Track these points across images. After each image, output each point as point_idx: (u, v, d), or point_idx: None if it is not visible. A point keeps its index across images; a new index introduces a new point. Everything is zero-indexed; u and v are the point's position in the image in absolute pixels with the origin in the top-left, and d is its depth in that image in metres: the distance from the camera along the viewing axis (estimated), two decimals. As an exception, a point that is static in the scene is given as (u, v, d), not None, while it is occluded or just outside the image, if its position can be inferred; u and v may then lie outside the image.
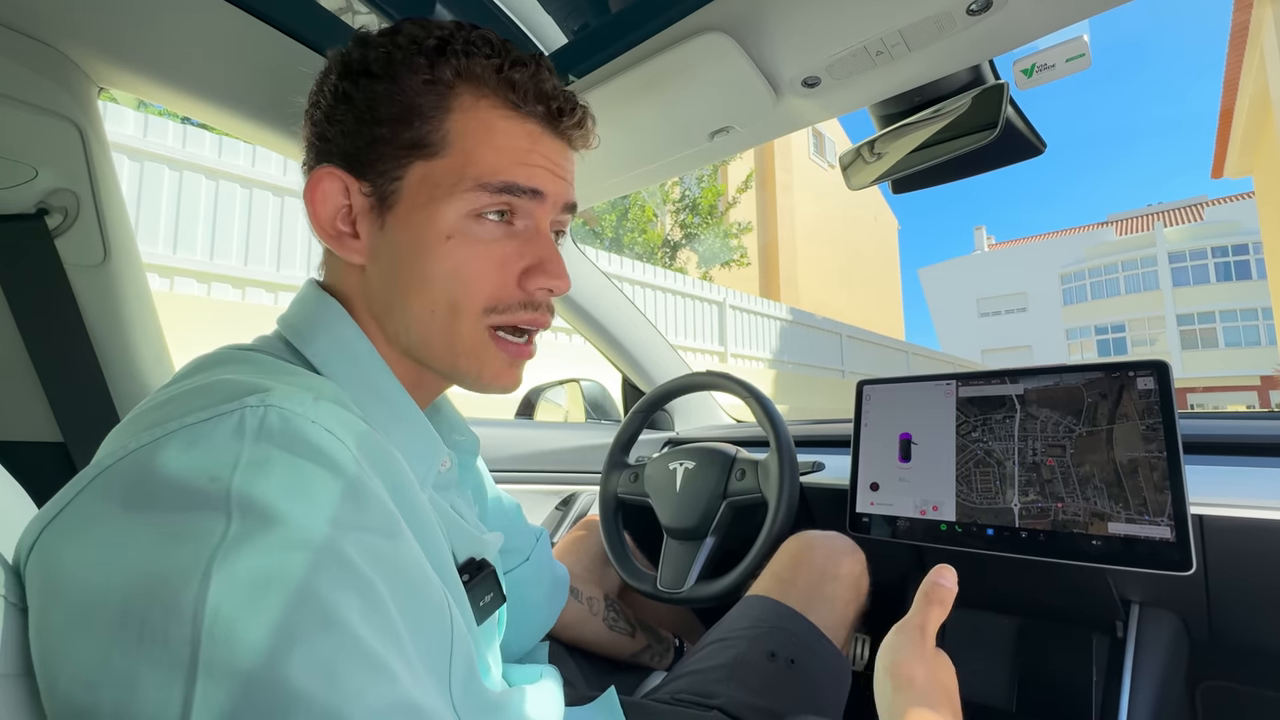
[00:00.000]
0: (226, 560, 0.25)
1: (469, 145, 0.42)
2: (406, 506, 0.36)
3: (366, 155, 0.42)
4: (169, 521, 0.26)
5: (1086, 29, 0.62)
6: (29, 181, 0.62)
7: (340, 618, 0.26)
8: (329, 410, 0.33)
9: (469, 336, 0.43)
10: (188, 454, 0.28)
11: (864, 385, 0.90)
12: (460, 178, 0.41)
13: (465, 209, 0.42)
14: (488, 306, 0.43)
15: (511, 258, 0.44)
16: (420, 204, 0.42)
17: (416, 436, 0.43)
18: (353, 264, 0.44)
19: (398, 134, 0.42)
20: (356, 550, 0.29)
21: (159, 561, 0.25)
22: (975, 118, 0.72)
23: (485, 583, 0.46)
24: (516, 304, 0.44)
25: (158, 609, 0.24)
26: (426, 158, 0.42)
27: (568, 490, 1.28)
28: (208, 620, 0.24)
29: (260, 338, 0.44)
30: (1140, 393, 0.69)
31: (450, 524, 0.45)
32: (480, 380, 0.45)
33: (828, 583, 0.75)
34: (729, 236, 10.37)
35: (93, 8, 0.60)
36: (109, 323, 0.69)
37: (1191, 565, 0.61)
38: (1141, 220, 26.25)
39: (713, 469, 0.93)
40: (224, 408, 0.30)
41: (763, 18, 0.63)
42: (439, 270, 0.42)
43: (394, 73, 0.42)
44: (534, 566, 0.70)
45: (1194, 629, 0.78)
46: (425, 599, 0.33)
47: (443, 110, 0.42)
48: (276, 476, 0.28)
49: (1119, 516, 0.67)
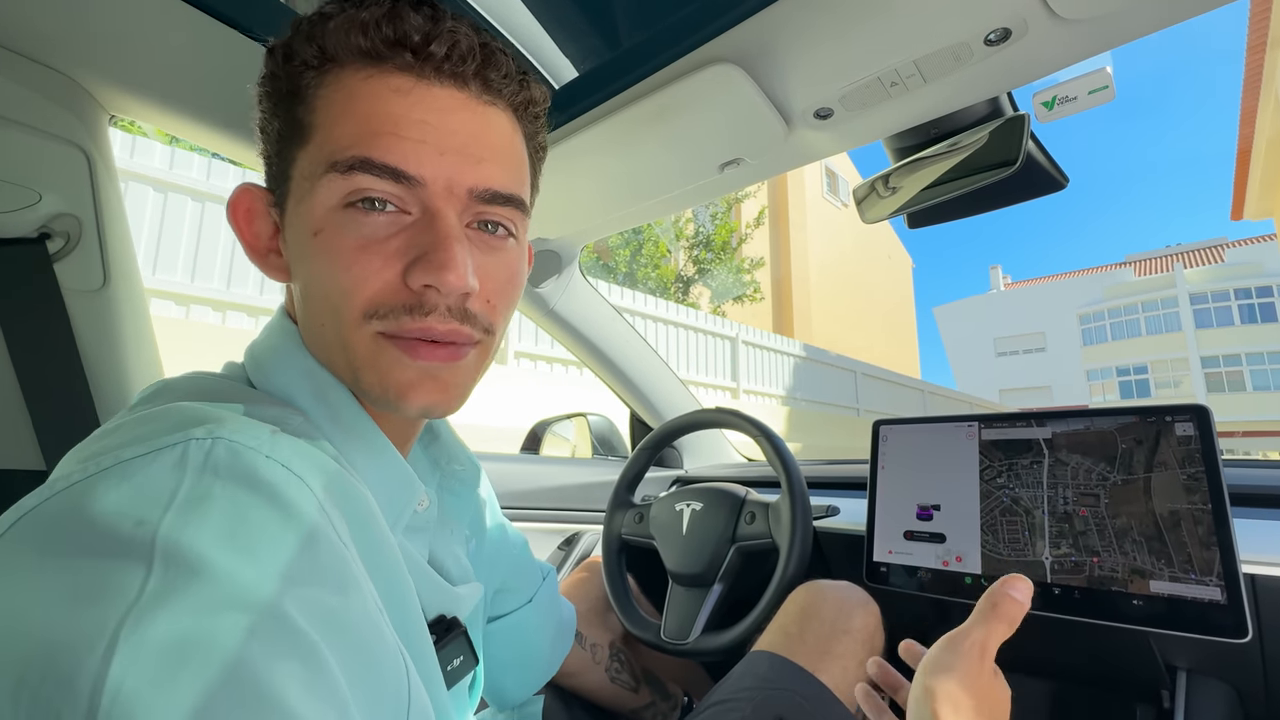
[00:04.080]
0: (139, 623, 0.21)
1: (329, 120, 0.36)
2: (373, 552, 0.32)
3: (272, 165, 0.39)
4: (82, 574, 0.22)
5: (1110, 60, 0.60)
6: (32, 206, 0.62)
7: (275, 695, 0.22)
8: (290, 445, 0.30)
9: (358, 345, 0.37)
10: (116, 492, 0.25)
11: (880, 425, 0.86)
12: (318, 161, 0.36)
13: (331, 199, 0.35)
14: (367, 311, 0.36)
15: (395, 252, 0.36)
16: (298, 200, 0.37)
17: (390, 475, 0.39)
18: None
19: (278, 128, 0.38)
20: (300, 609, 0.25)
21: (60, 625, 0.21)
22: (994, 151, 0.70)
23: (454, 644, 0.41)
24: (400, 307, 0.36)
25: (51, 685, 0.20)
26: (301, 144, 0.37)
27: (571, 529, 1.24)
28: (105, 702, 0.19)
29: (229, 364, 0.41)
30: (1179, 439, 0.65)
31: (418, 575, 0.40)
32: (390, 398, 0.37)
33: (839, 638, 0.69)
34: (742, 272, 10.42)
35: (105, 36, 0.60)
36: (104, 349, 0.68)
37: (1248, 631, 0.56)
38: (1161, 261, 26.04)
39: (721, 511, 0.89)
40: (167, 439, 0.27)
41: (774, 49, 0.62)
42: (313, 272, 0.36)
43: (283, 64, 0.37)
44: (537, 610, 0.66)
45: (1249, 700, 0.71)
46: (377, 663, 0.28)
47: (313, 89, 0.36)
48: (213, 520, 0.24)
49: (1162, 574, 0.61)
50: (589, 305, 1.17)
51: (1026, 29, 0.56)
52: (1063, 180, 0.73)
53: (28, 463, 0.63)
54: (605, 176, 0.86)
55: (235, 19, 0.62)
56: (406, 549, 0.40)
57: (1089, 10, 0.53)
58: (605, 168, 0.84)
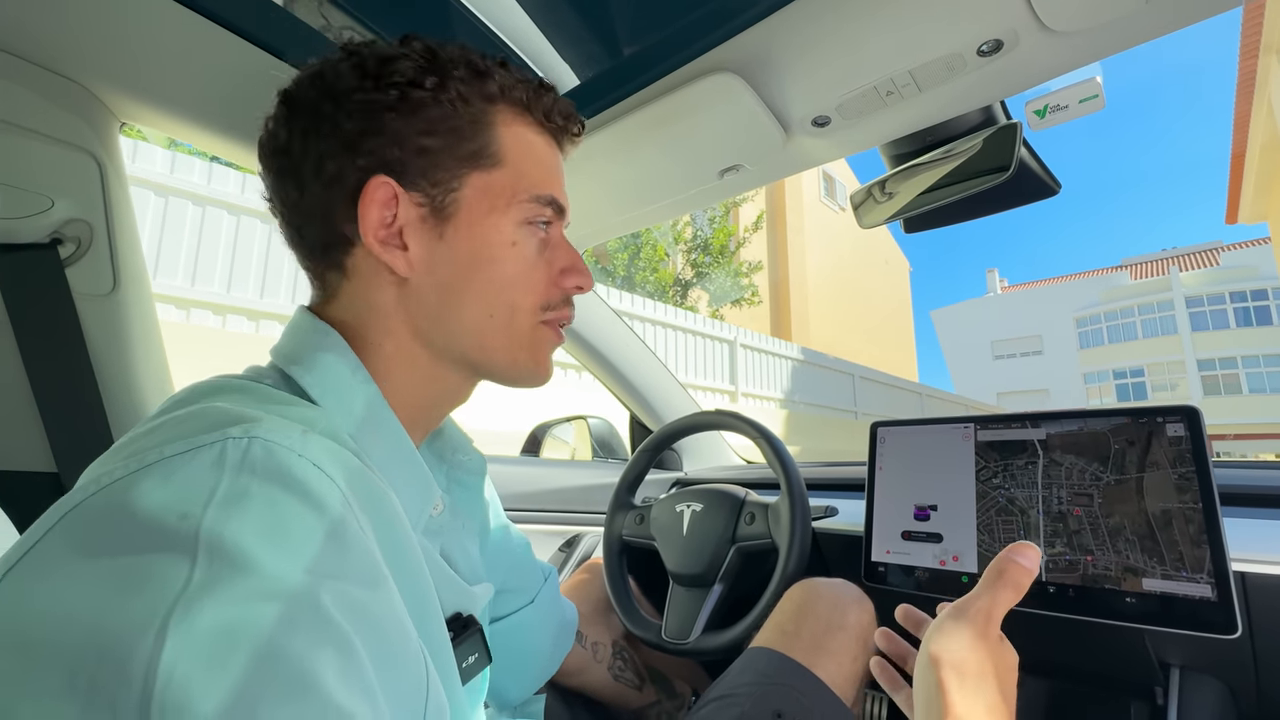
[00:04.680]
0: (187, 612, 0.22)
1: (518, 159, 0.45)
2: (397, 551, 0.33)
3: (415, 165, 0.42)
4: (129, 567, 0.24)
5: (1099, 70, 0.62)
6: (44, 212, 0.63)
7: (315, 680, 0.24)
8: (319, 444, 0.31)
9: (528, 332, 0.46)
10: (161, 489, 0.26)
11: (878, 427, 0.87)
12: (516, 189, 0.45)
13: (521, 218, 0.45)
14: (542, 305, 0.46)
15: (552, 261, 0.48)
16: (482, 213, 0.44)
17: (412, 477, 0.41)
18: (387, 280, 0.42)
19: (451, 146, 0.43)
20: (334, 601, 0.26)
21: (113, 615, 0.22)
22: (988, 158, 0.72)
23: (470, 643, 0.43)
24: (559, 301, 0.48)
25: (107, 670, 0.21)
26: (485, 169, 0.44)
27: (571, 531, 1.25)
28: (160, 685, 0.21)
29: (252, 368, 0.42)
30: (1170, 440, 0.66)
31: (436, 573, 0.42)
32: (536, 370, 0.48)
33: (834, 634, 0.70)
34: (739, 275, 10.45)
35: (116, 44, 0.61)
36: (114, 352, 0.69)
37: (1237, 627, 0.57)
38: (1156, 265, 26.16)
39: (721, 512, 0.90)
40: (205, 438, 0.28)
41: (772, 59, 0.63)
42: (505, 274, 0.44)
43: (444, 85, 0.42)
44: (538, 610, 0.67)
45: (1241, 697, 0.72)
46: (401, 656, 0.30)
47: (490, 125, 0.44)
48: (253, 515, 0.26)
49: (1154, 572, 0.62)
50: (590, 308, 1.18)
51: (1018, 40, 0.57)
52: (1055, 186, 0.75)
53: (39, 464, 0.64)
54: (606, 182, 0.88)
55: (243, 28, 0.63)
56: (425, 547, 0.42)
57: (1078, 23, 0.55)
58: (606, 173, 0.85)
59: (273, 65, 0.66)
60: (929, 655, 0.39)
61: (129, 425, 0.69)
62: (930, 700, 0.37)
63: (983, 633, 0.39)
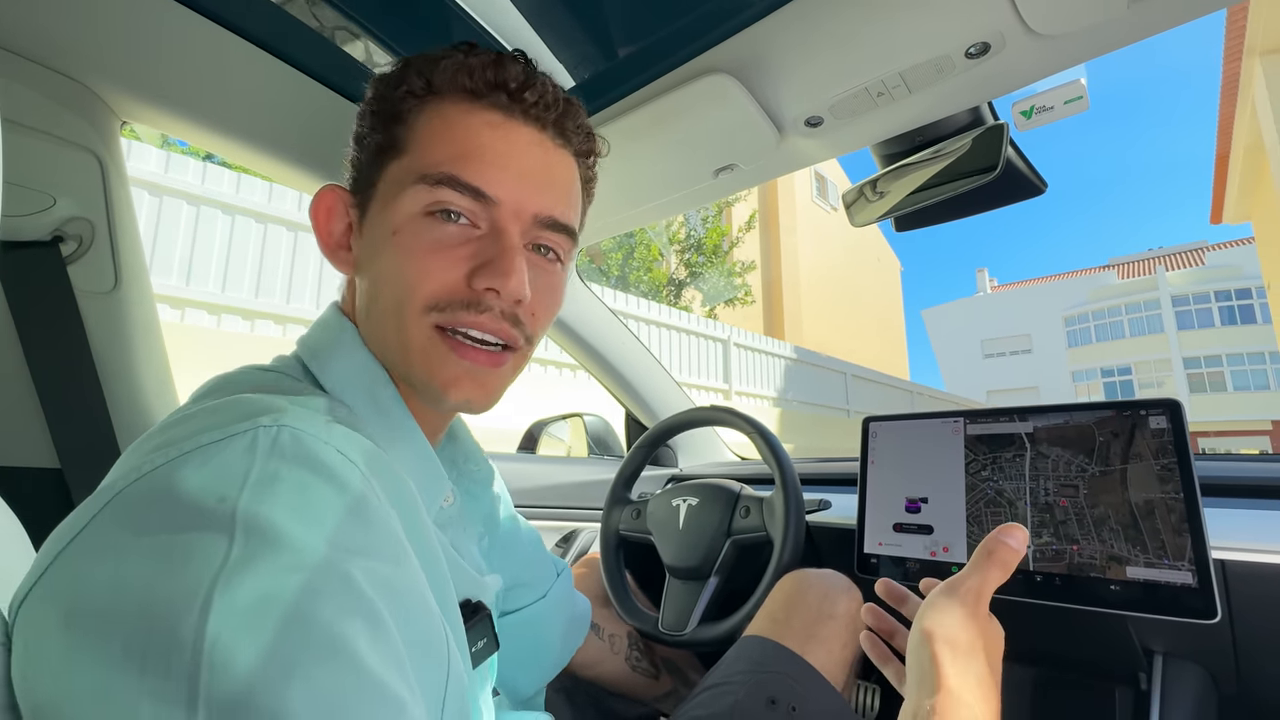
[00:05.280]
0: (229, 585, 0.24)
1: (425, 139, 0.42)
2: (415, 534, 0.35)
3: (361, 172, 0.44)
4: (174, 545, 0.25)
5: (1084, 72, 0.64)
6: (46, 210, 0.63)
7: (347, 646, 0.25)
8: (341, 432, 0.33)
9: (415, 336, 0.41)
10: (199, 474, 0.28)
11: (870, 422, 0.88)
12: (409, 172, 0.41)
13: (414, 206, 0.41)
14: (428, 304, 0.40)
15: (463, 257, 0.41)
16: (381, 206, 0.42)
17: (424, 468, 0.43)
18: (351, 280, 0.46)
19: (378, 141, 0.43)
20: (362, 575, 0.28)
21: (161, 588, 0.24)
22: (976, 158, 0.73)
23: (479, 628, 0.44)
24: (459, 303, 0.41)
25: (159, 639, 0.23)
26: (395, 157, 0.42)
27: (569, 527, 1.26)
28: (207, 649, 0.23)
29: (279, 358, 0.44)
30: (1153, 432, 0.68)
31: (449, 560, 0.43)
32: (435, 387, 0.42)
33: (824, 622, 0.72)
34: (733, 275, 10.48)
35: (118, 44, 0.62)
36: (115, 350, 0.69)
37: (1217, 613, 0.59)
38: (1143, 264, 26.45)
39: (717, 506, 0.91)
40: (238, 427, 0.30)
41: (766, 60, 0.65)
42: (386, 267, 0.41)
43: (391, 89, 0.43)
44: (550, 604, 0.68)
45: (1221, 682, 0.74)
46: (425, 629, 0.31)
47: (415, 113, 0.43)
48: (284, 496, 0.28)
49: (1137, 560, 0.64)
50: (586, 307, 1.19)
51: (1004, 43, 0.59)
52: (1041, 186, 0.76)
53: (42, 460, 0.65)
54: (602, 182, 0.88)
55: (242, 28, 0.64)
56: (439, 537, 0.43)
57: (1063, 26, 0.57)
58: (602, 173, 0.86)
59: (271, 65, 0.67)
60: (922, 631, 0.40)
61: (131, 421, 0.69)
62: (924, 674, 0.38)
63: (973, 610, 0.41)
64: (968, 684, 0.37)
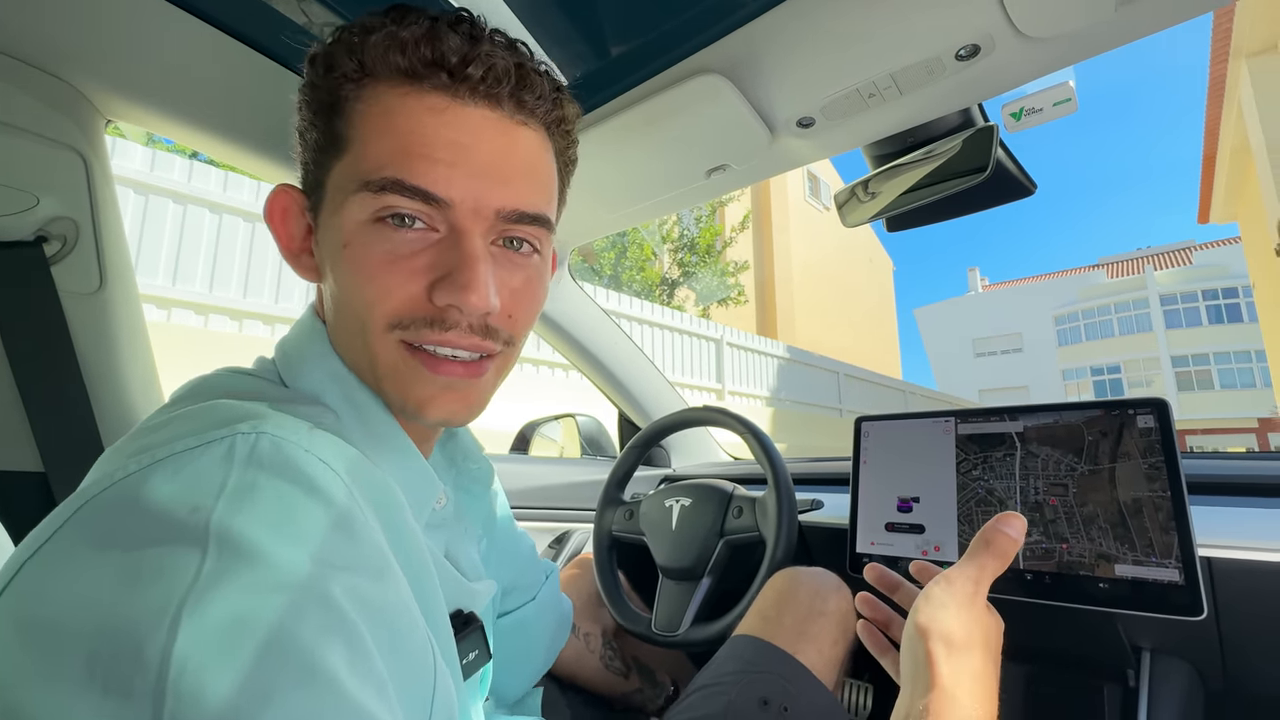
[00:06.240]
0: (200, 602, 0.23)
1: (365, 135, 0.36)
2: (401, 544, 0.34)
3: (309, 172, 0.40)
4: (142, 558, 0.24)
5: (1072, 75, 0.64)
6: (30, 209, 0.62)
7: (325, 669, 0.24)
8: (325, 440, 0.32)
9: (383, 355, 0.38)
10: (172, 483, 0.26)
11: (862, 422, 0.89)
12: (352, 177, 0.36)
13: (361, 214, 0.36)
14: (391, 322, 0.37)
15: (421, 268, 0.37)
16: (332, 211, 0.38)
17: (411, 473, 0.41)
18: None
19: (316, 139, 0.39)
20: (343, 592, 0.26)
21: (127, 604, 0.23)
22: (967, 159, 0.74)
23: (471, 639, 0.43)
24: (422, 320, 0.37)
25: (123, 658, 0.22)
26: (337, 156, 0.37)
27: (561, 528, 1.26)
28: (174, 673, 0.21)
29: (260, 360, 0.42)
30: (1141, 431, 0.68)
31: (439, 569, 0.42)
32: (410, 407, 0.39)
33: (815, 620, 0.72)
34: (726, 275, 10.50)
35: (102, 43, 0.61)
36: (100, 350, 0.68)
37: (1203, 610, 0.59)
38: (1132, 263, 26.71)
39: (709, 506, 0.91)
40: (215, 433, 0.29)
41: (758, 61, 0.65)
42: (343, 283, 0.37)
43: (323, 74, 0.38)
44: (539, 607, 0.68)
45: (1208, 678, 0.75)
46: (409, 646, 0.30)
47: (352, 101, 0.37)
48: (261, 507, 0.26)
49: (1125, 558, 0.65)
50: (578, 307, 1.19)
51: (994, 46, 0.59)
52: (1031, 186, 0.77)
53: (25, 464, 0.64)
54: (594, 182, 0.88)
55: (228, 24, 0.63)
56: (428, 544, 0.42)
57: (1052, 29, 0.57)
58: (594, 173, 0.86)
59: (258, 62, 0.66)
60: (916, 626, 0.39)
61: (116, 423, 0.69)
62: (918, 670, 0.38)
63: (970, 601, 0.40)
64: (962, 682, 0.36)
